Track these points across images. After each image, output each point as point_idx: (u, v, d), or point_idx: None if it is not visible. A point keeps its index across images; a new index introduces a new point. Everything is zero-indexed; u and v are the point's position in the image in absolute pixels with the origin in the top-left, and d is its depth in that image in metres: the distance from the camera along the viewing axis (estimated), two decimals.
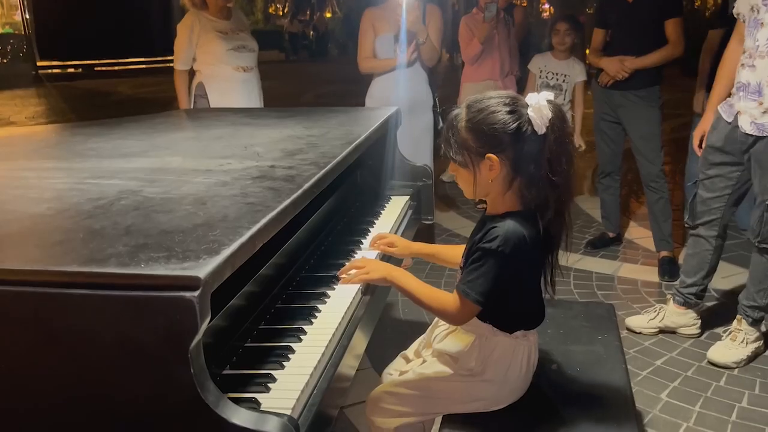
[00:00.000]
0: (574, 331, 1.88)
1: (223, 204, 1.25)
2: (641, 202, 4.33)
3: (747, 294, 2.58)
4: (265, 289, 1.47)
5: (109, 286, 0.94)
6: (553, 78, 4.01)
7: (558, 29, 3.97)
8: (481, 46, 4.35)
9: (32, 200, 1.34)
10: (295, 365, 1.23)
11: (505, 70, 4.50)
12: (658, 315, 2.83)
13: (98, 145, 1.86)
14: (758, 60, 2.28)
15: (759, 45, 2.28)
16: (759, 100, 2.30)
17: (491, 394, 1.53)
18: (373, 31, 3.45)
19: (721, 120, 2.50)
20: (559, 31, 3.95)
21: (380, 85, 3.52)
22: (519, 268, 1.41)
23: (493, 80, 4.44)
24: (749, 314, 2.57)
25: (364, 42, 3.50)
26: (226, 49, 3.44)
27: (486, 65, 4.45)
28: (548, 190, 1.36)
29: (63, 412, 1.01)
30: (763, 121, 2.31)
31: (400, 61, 3.43)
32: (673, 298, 2.82)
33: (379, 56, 3.48)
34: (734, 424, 2.23)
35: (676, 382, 2.49)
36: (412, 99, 3.42)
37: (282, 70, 13.37)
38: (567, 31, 3.92)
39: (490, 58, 4.42)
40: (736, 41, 2.51)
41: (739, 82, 2.38)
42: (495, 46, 4.41)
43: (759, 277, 2.54)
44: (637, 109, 3.37)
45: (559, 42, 3.96)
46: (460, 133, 1.41)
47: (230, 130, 2.08)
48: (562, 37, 3.93)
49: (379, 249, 1.78)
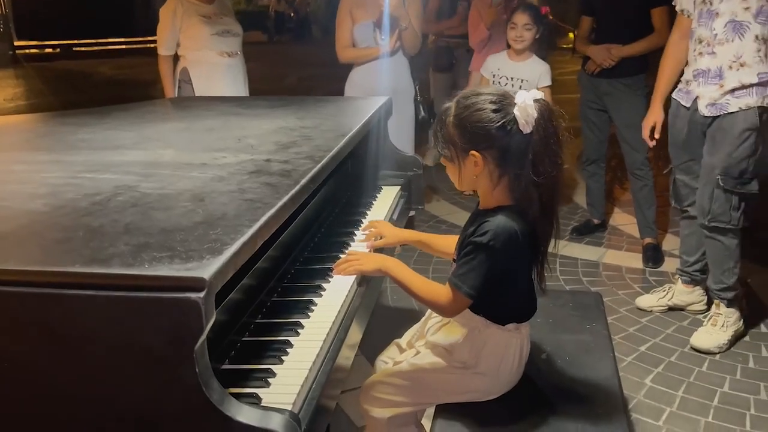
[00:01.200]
0: (562, 320, 1.92)
1: (221, 201, 1.25)
2: (625, 189, 4.38)
3: (713, 278, 2.66)
4: (261, 283, 1.48)
5: (113, 287, 0.94)
6: (509, 83, 3.34)
7: (515, 22, 3.27)
8: (489, 32, 4.06)
9: (27, 196, 1.33)
10: (294, 360, 1.24)
11: None
12: (667, 294, 2.94)
13: (89, 137, 1.85)
14: (718, 47, 2.45)
15: (717, 33, 2.44)
16: (720, 83, 2.47)
17: (484, 386, 1.56)
18: (351, 19, 3.34)
19: (680, 108, 2.65)
20: (516, 25, 3.26)
21: (361, 73, 3.42)
22: (510, 262, 1.43)
23: None
24: (723, 296, 2.65)
25: (342, 30, 3.37)
26: (209, 34, 3.38)
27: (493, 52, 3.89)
28: (531, 189, 1.37)
29: (67, 414, 1.02)
30: (721, 102, 2.47)
31: (383, 50, 3.34)
32: (680, 278, 2.91)
33: (359, 45, 3.38)
34: (716, 408, 2.30)
35: (659, 367, 2.55)
36: (393, 88, 3.26)
37: (264, 52, 13.23)
38: (526, 25, 3.24)
39: (499, 44, 3.90)
40: (678, 36, 2.69)
41: (696, 70, 2.54)
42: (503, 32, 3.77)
43: (719, 259, 2.63)
44: (624, 97, 3.41)
45: (517, 38, 3.27)
46: (448, 128, 1.43)
47: (221, 121, 2.07)
48: (520, 31, 3.25)
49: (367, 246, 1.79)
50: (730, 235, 2.57)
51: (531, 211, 1.40)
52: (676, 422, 2.23)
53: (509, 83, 3.31)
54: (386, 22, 3.25)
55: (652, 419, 2.25)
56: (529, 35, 3.24)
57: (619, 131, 3.48)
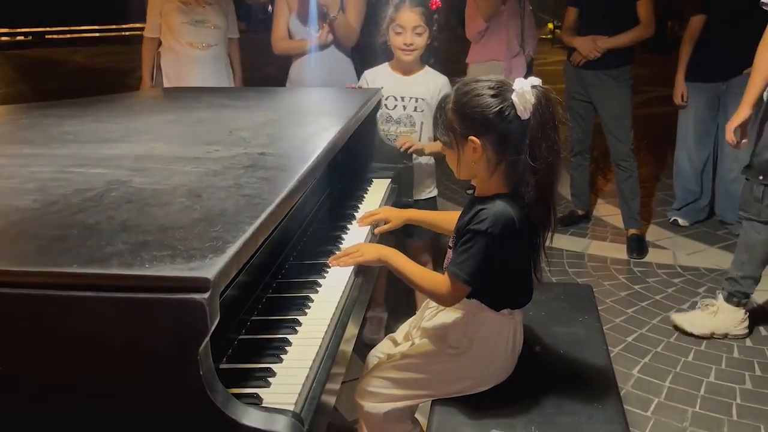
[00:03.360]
0: (555, 312, 1.92)
1: (219, 196, 1.22)
2: (608, 180, 4.41)
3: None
4: (256, 279, 1.45)
5: (114, 288, 0.91)
6: (397, 105, 2.47)
7: (401, 25, 2.35)
8: (486, 24, 3.74)
9: (15, 191, 1.29)
10: (294, 358, 1.22)
11: (513, 50, 3.74)
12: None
13: (75, 129, 1.80)
14: None
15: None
16: None
17: (478, 373, 1.56)
18: (288, 9, 3.03)
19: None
20: (403, 29, 2.35)
21: (296, 69, 3.08)
22: (508, 249, 1.44)
23: (498, 60, 3.75)
24: (724, 286, 2.66)
25: (278, 20, 3.04)
26: (180, 22, 3.22)
27: (491, 44, 3.77)
28: (528, 175, 1.38)
29: (69, 417, 0.99)
30: None
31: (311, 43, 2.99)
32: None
33: (295, 36, 3.05)
34: (703, 398, 2.33)
35: (646, 358, 2.57)
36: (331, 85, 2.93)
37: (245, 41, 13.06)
38: (417, 29, 2.35)
39: (496, 36, 3.71)
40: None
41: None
42: (503, 24, 3.72)
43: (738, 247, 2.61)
44: (609, 89, 3.42)
45: (405, 47, 2.37)
46: (447, 115, 1.45)
47: (210, 113, 2.03)
48: (410, 37, 2.35)
49: (375, 231, 1.81)
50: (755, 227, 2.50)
51: (527, 197, 1.40)
52: (664, 412, 2.26)
53: (398, 104, 2.47)
54: (313, 11, 2.89)
55: (641, 409, 2.27)
56: (421, 41, 2.38)
57: (605, 123, 3.50)
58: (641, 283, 3.18)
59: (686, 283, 3.16)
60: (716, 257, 3.43)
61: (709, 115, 3.62)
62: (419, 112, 2.46)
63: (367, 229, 1.82)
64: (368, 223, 1.84)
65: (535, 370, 1.64)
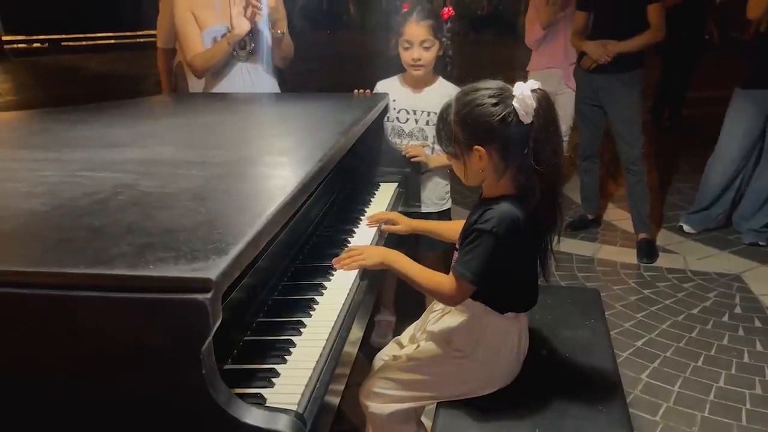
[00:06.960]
0: (562, 316, 1.92)
1: (222, 199, 1.24)
2: (619, 184, 4.40)
3: None
4: (261, 281, 1.46)
5: (119, 289, 0.93)
6: (409, 119, 2.43)
7: (409, 40, 2.28)
8: (543, 31, 3.79)
9: (24, 194, 1.31)
10: (298, 359, 1.23)
11: (570, 58, 3.77)
12: None
13: (85, 134, 1.83)
14: None
15: None
16: None
17: (483, 376, 1.57)
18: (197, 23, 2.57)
19: None
20: (411, 44, 2.28)
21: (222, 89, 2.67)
22: (513, 249, 1.44)
23: (556, 68, 3.85)
24: None
25: (191, 36, 2.56)
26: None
27: (547, 52, 3.86)
28: (534, 178, 1.39)
29: (74, 414, 1.01)
30: None
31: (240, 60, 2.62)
32: None
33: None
34: (712, 403, 2.31)
35: (655, 362, 2.56)
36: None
37: None
38: (425, 43, 2.27)
39: (553, 44, 3.80)
40: None
41: None
42: (560, 31, 3.78)
43: None
44: (619, 93, 3.41)
45: (414, 62, 2.30)
46: (450, 126, 1.46)
47: (218, 118, 2.05)
48: (417, 52, 2.28)
49: (383, 228, 1.84)
50: None
51: (533, 200, 1.41)
52: (673, 417, 2.25)
53: (410, 117, 2.44)
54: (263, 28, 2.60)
55: (649, 414, 2.26)
56: (429, 56, 2.29)
57: (615, 127, 3.48)
58: (651, 288, 3.16)
59: (697, 288, 3.14)
60: (727, 262, 3.41)
61: (757, 125, 3.50)
62: (431, 126, 2.40)
63: (374, 231, 1.84)
64: (377, 222, 1.85)
65: (541, 374, 1.64)
